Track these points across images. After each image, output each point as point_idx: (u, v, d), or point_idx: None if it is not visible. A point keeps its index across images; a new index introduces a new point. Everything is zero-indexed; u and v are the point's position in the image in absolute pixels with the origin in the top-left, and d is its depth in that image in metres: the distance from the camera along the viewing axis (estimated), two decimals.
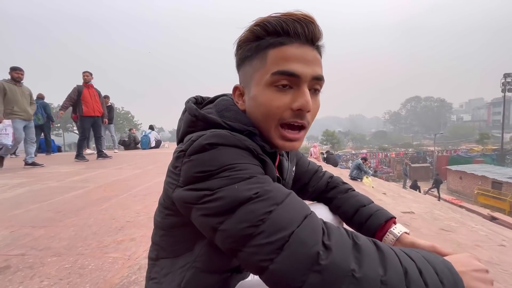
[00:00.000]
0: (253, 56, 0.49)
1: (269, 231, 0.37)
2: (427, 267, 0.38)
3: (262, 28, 0.47)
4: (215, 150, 0.43)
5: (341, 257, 0.36)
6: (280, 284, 0.36)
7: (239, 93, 0.55)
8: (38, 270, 1.17)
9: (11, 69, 4.36)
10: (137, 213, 1.96)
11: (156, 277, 0.55)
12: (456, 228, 2.34)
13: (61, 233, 1.59)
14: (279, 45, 0.47)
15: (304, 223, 0.38)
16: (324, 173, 0.82)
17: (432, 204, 4.41)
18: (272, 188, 0.42)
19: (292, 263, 0.35)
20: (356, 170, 6.74)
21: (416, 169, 25.83)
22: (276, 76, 0.46)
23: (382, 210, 0.66)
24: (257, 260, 0.37)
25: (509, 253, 1.73)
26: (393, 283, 0.35)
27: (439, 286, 0.36)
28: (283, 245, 0.36)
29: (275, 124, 0.49)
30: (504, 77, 33.50)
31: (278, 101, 0.47)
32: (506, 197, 14.45)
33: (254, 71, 0.49)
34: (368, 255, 0.37)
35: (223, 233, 0.40)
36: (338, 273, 0.34)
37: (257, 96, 0.49)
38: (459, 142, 54.56)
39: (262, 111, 0.49)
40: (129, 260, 1.26)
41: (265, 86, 0.48)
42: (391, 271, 0.35)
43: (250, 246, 0.37)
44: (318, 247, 0.36)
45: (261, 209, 0.38)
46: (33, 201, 2.34)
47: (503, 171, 18.39)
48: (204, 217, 0.42)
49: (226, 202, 0.39)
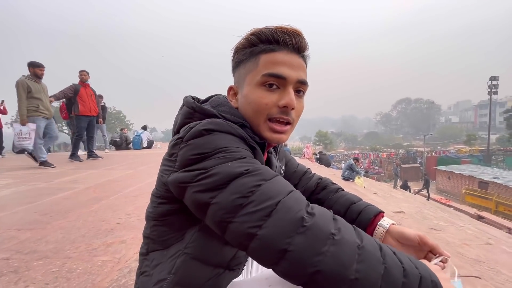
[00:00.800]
0: (247, 59, 0.56)
1: (258, 200, 0.41)
2: (400, 253, 0.41)
3: (256, 36, 0.54)
4: (210, 135, 0.47)
5: (323, 221, 0.40)
6: (268, 249, 0.38)
7: (233, 92, 0.61)
8: (23, 274, 1.13)
9: (33, 65, 4.14)
10: (128, 214, 1.93)
11: (146, 271, 0.56)
12: (445, 227, 2.40)
13: (48, 235, 1.54)
14: (270, 51, 0.54)
15: (290, 194, 0.43)
16: (314, 175, 0.85)
17: (421, 203, 4.50)
18: (262, 167, 0.46)
19: (279, 227, 0.39)
20: (348, 170, 6.81)
21: (406, 169, 26.35)
22: (266, 77, 0.53)
23: (370, 206, 0.69)
24: (247, 228, 0.40)
25: (495, 251, 1.78)
26: (369, 249, 0.38)
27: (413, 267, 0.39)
28: (271, 211, 0.40)
29: (264, 119, 0.55)
30: (490, 80, 34.54)
31: (267, 99, 0.54)
32: (492, 197, 14.88)
33: (247, 72, 0.56)
34: (346, 226, 0.41)
35: (216, 206, 0.42)
36: (320, 234, 0.38)
37: (248, 94, 0.55)
38: (447, 143, 55.95)
39: (252, 107, 0.55)
40: (119, 263, 1.23)
41: (255, 85, 0.54)
42: (366, 242, 0.40)
43: (240, 215, 0.40)
44: (303, 212, 0.40)
45: (251, 182, 0.42)
46: (19, 202, 2.26)
47: (489, 171, 18.99)
48: (198, 193, 0.44)
49: (219, 178, 0.43)
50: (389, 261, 0.38)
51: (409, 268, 0.39)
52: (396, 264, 0.38)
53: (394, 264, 0.38)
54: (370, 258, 0.37)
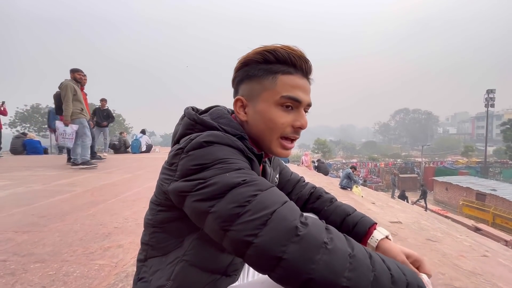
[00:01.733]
0: (263, 76, 0.58)
1: (254, 210, 0.43)
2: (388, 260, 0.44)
3: (273, 55, 0.57)
4: (210, 147, 0.49)
5: (316, 231, 0.42)
6: (264, 256, 0.40)
7: (241, 104, 0.61)
8: (20, 276, 1.13)
9: (74, 71, 4.61)
10: (126, 219, 1.92)
11: (144, 277, 0.57)
12: (442, 238, 2.40)
13: (45, 238, 1.54)
14: (288, 73, 0.57)
15: (284, 205, 0.45)
16: (307, 183, 0.87)
17: (419, 214, 4.50)
18: (258, 178, 0.48)
19: (274, 236, 0.40)
20: (346, 179, 6.79)
21: (404, 179, 26.35)
22: (285, 99, 0.57)
23: (365, 218, 0.72)
24: (243, 236, 0.41)
25: (491, 263, 1.78)
26: (360, 258, 0.40)
27: (401, 274, 0.42)
28: (267, 221, 0.41)
29: (277, 136, 0.59)
30: (487, 92, 34.99)
31: (283, 119, 0.58)
32: (489, 209, 14.88)
33: (263, 89, 0.58)
34: (338, 236, 0.43)
35: (214, 215, 0.44)
36: (313, 243, 0.40)
37: (265, 112, 0.58)
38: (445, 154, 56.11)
39: (267, 124, 0.58)
40: (116, 267, 1.23)
41: (273, 104, 0.57)
42: (357, 250, 0.42)
43: (237, 224, 0.42)
44: (297, 222, 0.42)
45: (247, 192, 0.44)
46: (16, 204, 2.25)
47: (487, 183, 19.01)
48: (197, 202, 0.46)
49: (218, 187, 0.45)
50: (378, 269, 0.40)
51: (397, 275, 0.41)
52: (384, 271, 0.41)
53: (383, 271, 0.40)
54: (361, 266, 0.39)
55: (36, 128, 33.65)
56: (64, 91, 4.32)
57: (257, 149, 0.60)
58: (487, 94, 35.00)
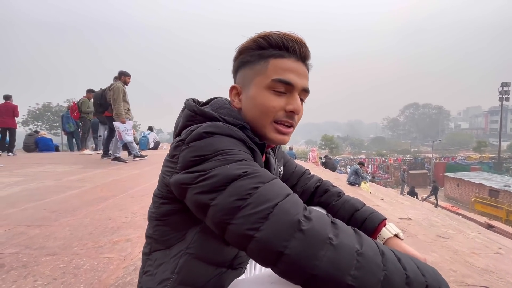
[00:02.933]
0: (255, 62, 0.56)
1: (255, 203, 0.41)
2: (406, 258, 0.41)
3: (265, 40, 0.56)
4: (211, 138, 0.48)
5: (320, 226, 0.40)
6: (265, 250, 0.39)
7: (235, 92, 0.61)
8: (32, 269, 1.16)
9: (124, 74, 4.95)
10: (134, 213, 1.95)
11: (149, 270, 0.57)
12: (453, 235, 2.35)
13: (56, 232, 1.58)
14: (280, 57, 0.55)
15: (287, 198, 0.43)
16: (313, 176, 0.85)
17: (429, 210, 4.41)
18: (260, 170, 0.47)
19: (276, 230, 0.39)
20: (354, 175, 6.73)
21: (414, 175, 25.89)
22: (275, 83, 0.55)
23: (375, 213, 0.70)
24: (245, 229, 0.40)
25: (505, 261, 1.73)
26: (369, 255, 0.38)
27: (420, 275, 0.39)
28: (268, 214, 0.40)
29: (270, 120, 0.57)
30: (502, 86, 33.87)
31: (275, 102, 0.56)
32: (503, 205, 14.48)
33: (255, 75, 0.56)
34: (345, 231, 0.41)
35: (215, 208, 0.43)
36: (317, 238, 0.38)
37: (256, 96, 0.56)
38: (456, 150, 54.82)
39: (259, 108, 0.56)
40: (124, 260, 1.25)
41: (264, 88, 0.56)
42: (366, 247, 0.39)
43: (238, 218, 0.41)
44: (300, 216, 0.40)
45: (249, 184, 0.43)
46: (28, 200, 2.32)
47: (500, 179, 18.48)
48: (198, 195, 0.45)
49: (218, 179, 0.44)
50: (390, 268, 0.38)
51: (414, 276, 0.38)
52: (398, 270, 0.38)
53: (396, 271, 0.38)
54: (369, 264, 0.37)
55: (48, 126, 34.54)
56: (116, 93, 4.68)
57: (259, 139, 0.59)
58: (501, 87, 33.88)
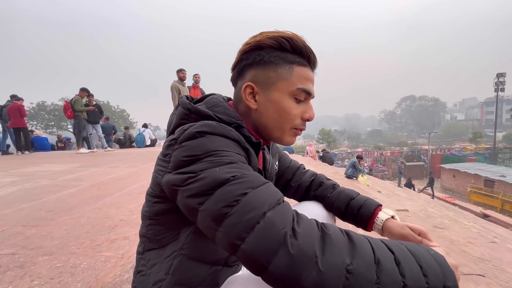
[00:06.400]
0: (279, 64, 0.56)
1: (242, 211, 0.40)
2: (408, 259, 0.39)
3: (290, 44, 0.55)
4: (203, 138, 0.47)
5: (307, 242, 0.38)
6: (251, 262, 0.39)
7: (250, 91, 0.58)
8: (29, 269, 1.15)
9: (179, 71, 5.26)
10: (131, 211, 1.94)
11: (143, 270, 0.56)
12: (449, 225, 2.38)
13: (53, 232, 1.57)
14: (303, 65, 0.57)
15: (276, 207, 0.41)
16: (307, 170, 0.86)
17: (425, 202, 4.46)
18: (250, 174, 0.45)
19: (261, 244, 0.38)
20: (352, 168, 6.78)
21: (410, 167, 26.12)
22: (299, 92, 0.57)
23: (369, 200, 0.70)
24: (231, 239, 0.39)
25: (500, 250, 1.76)
26: (360, 271, 0.36)
27: (421, 278, 0.38)
28: (254, 225, 0.39)
29: (290, 127, 0.58)
30: (497, 76, 33.98)
31: (297, 110, 0.57)
32: (498, 195, 14.69)
33: (279, 78, 0.56)
34: (336, 244, 0.39)
35: (203, 213, 0.42)
36: (302, 257, 0.36)
37: (279, 102, 0.57)
38: (452, 141, 55.23)
39: (281, 114, 0.57)
40: (122, 258, 1.25)
41: (287, 95, 0.57)
42: (359, 260, 0.37)
43: (224, 226, 0.40)
44: (287, 229, 0.38)
45: (237, 190, 0.41)
46: (24, 200, 2.30)
47: (495, 170, 18.70)
48: (187, 198, 0.44)
49: (206, 182, 0.43)
50: (384, 280, 0.36)
51: (412, 283, 0.37)
52: (393, 281, 0.36)
53: (391, 282, 0.36)
54: (359, 281, 0.36)
55: (43, 125, 34.19)
56: (171, 92, 5.03)
57: (256, 137, 0.58)
58: (497, 78, 34.00)
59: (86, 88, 6.93)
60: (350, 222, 0.73)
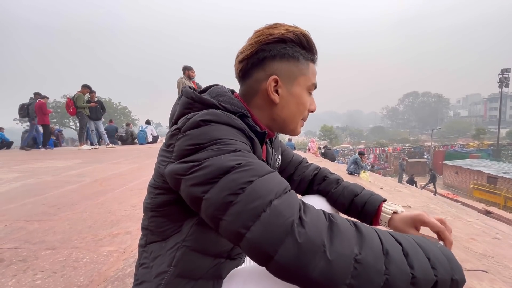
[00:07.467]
0: (301, 60, 0.58)
1: (247, 199, 0.39)
2: (416, 251, 0.39)
3: (307, 41, 0.58)
4: (207, 126, 0.46)
5: (314, 231, 0.37)
6: (256, 251, 0.38)
7: (275, 85, 0.57)
8: (31, 263, 1.16)
9: (187, 69, 5.10)
10: (133, 206, 1.95)
11: (145, 263, 0.56)
12: (452, 221, 2.37)
13: (56, 226, 1.58)
14: (313, 62, 0.61)
15: (282, 196, 0.40)
16: (310, 164, 0.85)
17: (428, 198, 4.44)
18: (256, 162, 0.44)
19: (267, 232, 0.37)
20: (354, 165, 6.76)
21: (413, 164, 26.01)
22: (312, 86, 0.61)
23: (374, 196, 0.69)
24: (236, 227, 0.38)
25: (502, 246, 1.75)
26: (368, 261, 0.36)
27: (429, 270, 0.37)
28: (260, 214, 0.38)
29: (300, 118, 0.62)
30: (502, 72, 33.58)
31: (308, 103, 0.62)
32: (501, 192, 14.62)
33: (301, 74, 0.58)
34: (343, 234, 0.38)
35: (207, 202, 0.41)
36: (310, 246, 0.36)
37: (300, 96, 0.59)
38: (455, 138, 54.91)
39: (299, 108, 0.60)
40: (124, 253, 1.25)
41: (305, 89, 0.60)
42: (367, 250, 0.37)
43: (230, 214, 0.39)
44: (294, 218, 0.37)
45: (242, 178, 0.40)
46: (27, 195, 2.31)
47: (499, 166, 18.58)
48: (191, 187, 0.43)
49: (210, 171, 0.42)
50: (393, 271, 0.36)
51: (421, 274, 0.36)
52: (402, 272, 0.36)
53: (400, 273, 0.36)
54: (368, 271, 0.35)
55: None
56: (178, 88, 4.97)
57: (262, 127, 0.58)
58: (501, 74, 33.60)
59: (88, 84, 6.94)
60: (354, 218, 0.72)
